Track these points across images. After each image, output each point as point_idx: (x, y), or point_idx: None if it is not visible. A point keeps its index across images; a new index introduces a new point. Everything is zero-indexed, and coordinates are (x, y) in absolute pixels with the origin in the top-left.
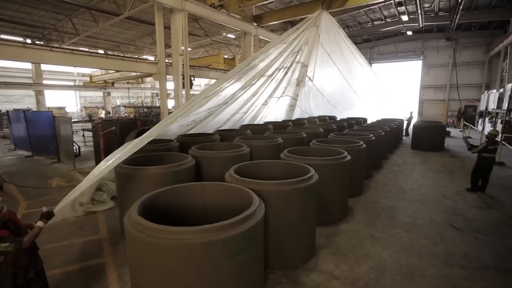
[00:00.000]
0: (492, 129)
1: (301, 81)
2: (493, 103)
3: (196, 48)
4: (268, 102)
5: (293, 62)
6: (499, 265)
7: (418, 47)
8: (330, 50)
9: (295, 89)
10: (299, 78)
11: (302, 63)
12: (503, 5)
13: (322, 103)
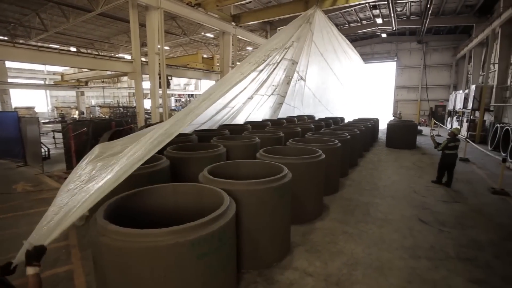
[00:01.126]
0: (453, 128)
1: (290, 79)
2: (460, 103)
3: (175, 47)
4: (252, 100)
5: (283, 59)
6: (460, 255)
7: (392, 49)
8: (323, 49)
9: (284, 87)
10: (288, 75)
11: (292, 60)
12: (467, 12)
13: (313, 103)
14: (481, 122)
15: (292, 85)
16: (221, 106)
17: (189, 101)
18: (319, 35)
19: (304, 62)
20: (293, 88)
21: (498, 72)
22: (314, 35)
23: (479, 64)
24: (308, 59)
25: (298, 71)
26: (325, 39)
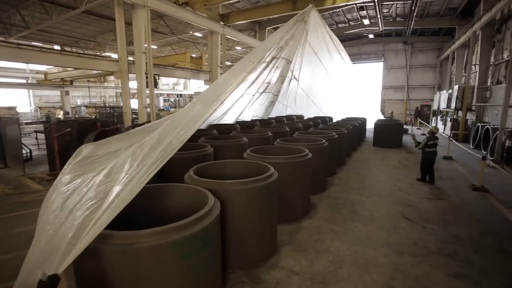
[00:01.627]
0: (432, 126)
1: (284, 77)
2: (444, 103)
3: (163, 46)
4: (243, 98)
5: (279, 58)
6: (442, 250)
7: (379, 50)
8: (317, 48)
9: (277, 86)
10: (283, 75)
11: (287, 59)
12: (450, 14)
13: (306, 104)
14: (463, 121)
15: (285, 85)
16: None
17: (177, 101)
18: (314, 35)
19: (298, 61)
20: (286, 87)
21: (479, 73)
22: (308, 35)
23: (461, 65)
24: (302, 59)
25: (293, 70)
26: (319, 38)
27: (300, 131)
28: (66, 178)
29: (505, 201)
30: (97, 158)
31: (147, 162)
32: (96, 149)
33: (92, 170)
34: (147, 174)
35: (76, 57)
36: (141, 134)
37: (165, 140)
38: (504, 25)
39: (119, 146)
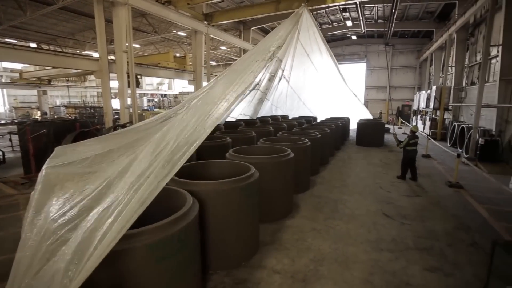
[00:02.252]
0: (412, 126)
1: (273, 76)
2: (423, 103)
3: (146, 45)
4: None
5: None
6: (418, 245)
7: (362, 51)
8: (309, 49)
9: (265, 84)
10: (272, 72)
11: (277, 57)
12: (428, 18)
13: (297, 106)
14: (441, 120)
15: (275, 84)
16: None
17: (162, 101)
18: (306, 35)
19: (289, 61)
20: (275, 86)
21: (454, 74)
22: (300, 34)
23: (439, 67)
24: (293, 59)
25: (283, 69)
26: (311, 39)
27: (284, 131)
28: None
29: (477, 196)
30: (87, 162)
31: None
32: (78, 152)
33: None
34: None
35: (52, 56)
36: (128, 136)
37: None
38: (477, 29)
39: (101, 148)
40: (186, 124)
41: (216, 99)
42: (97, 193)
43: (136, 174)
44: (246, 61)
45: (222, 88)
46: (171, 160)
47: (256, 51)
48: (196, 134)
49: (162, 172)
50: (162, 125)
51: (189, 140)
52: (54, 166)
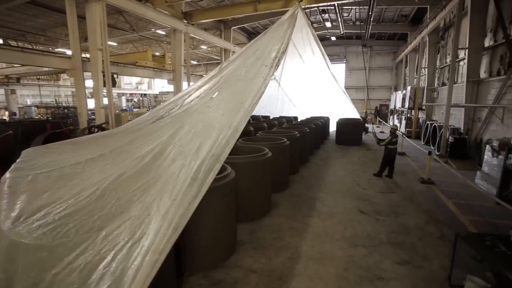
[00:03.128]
0: (393, 125)
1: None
2: (399, 103)
3: (123, 43)
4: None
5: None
6: (391, 240)
7: (341, 52)
8: (302, 50)
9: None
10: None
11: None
12: (402, 21)
13: (288, 107)
14: (416, 119)
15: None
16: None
17: (141, 101)
18: (299, 35)
19: (281, 63)
20: (268, 88)
21: (427, 75)
22: (293, 35)
23: (413, 68)
24: (285, 60)
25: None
26: (304, 39)
27: (264, 131)
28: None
29: (447, 191)
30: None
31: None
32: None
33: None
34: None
35: (19, 52)
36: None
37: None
38: (447, 32)
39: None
40: (204, 138)
41: (234, 109)
42: (107, 212)
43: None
44: (254, 66)
45: (236, 96)
46: (196, 177)
47: (260, 54)
48: (221, 148)
49: (191, 191)
50: (154, 126)
51: (215, 153)
52: (20, 170)
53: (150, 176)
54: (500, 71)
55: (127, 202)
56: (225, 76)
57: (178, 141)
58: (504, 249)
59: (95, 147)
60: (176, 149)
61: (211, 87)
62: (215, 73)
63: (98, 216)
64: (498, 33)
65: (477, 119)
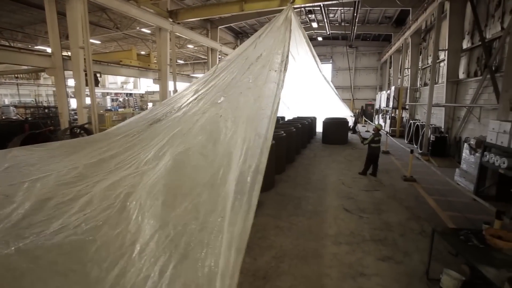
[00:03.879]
0: (377, 124)
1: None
2: (384, 102)
3: (107, 42)
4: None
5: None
6: (374, 237)
7: (328, 52)
8: (295, 52)
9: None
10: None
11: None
12: (387, 22)
13: (281, 110)
14: (399, 119)
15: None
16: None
17: (127, 101)
18: (292, 37)
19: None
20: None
21: (410, 76)
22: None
23: (397, 68)
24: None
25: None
26: (297, 40)
27: None
28: None
29: (428, 188)
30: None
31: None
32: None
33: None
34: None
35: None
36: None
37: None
38: (428, 34)
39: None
40: (230, 147)
41: (255, 117)
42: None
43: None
44: (262, 73)
45: (252, 104)
46: (246, 191)
47: (265, 61)
48: (257, 158)
49: (243, 207)
50: (154, 130)
51: (252, 164)
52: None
53: (177, 183)
54: (477, 72)
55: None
56: (227, 81)
57: (199, 150)
58: (477, 243)
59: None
60: (201, 158)
61: (209, 90)
62: (209, 76)
63: (125, 229)
64: (475, 36)
65: (457, 118)
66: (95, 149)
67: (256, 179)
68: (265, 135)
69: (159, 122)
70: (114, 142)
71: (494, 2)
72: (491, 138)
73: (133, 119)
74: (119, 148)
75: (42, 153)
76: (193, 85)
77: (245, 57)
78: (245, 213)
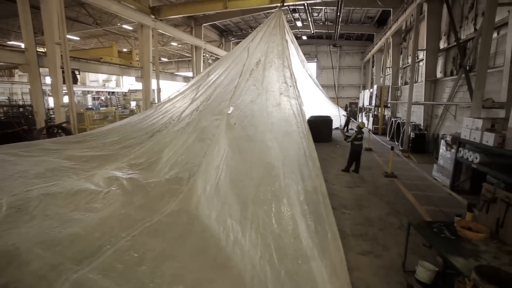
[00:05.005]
0: (360, 122)
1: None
2: (367, 101)
3: (87, 38)
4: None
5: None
6: (355, 232)
7: (312, 51)
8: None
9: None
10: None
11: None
12: (369, 22)
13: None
14: (382, 116)
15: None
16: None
17: (109, 99)
18: (280, 37)
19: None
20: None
21: (392, 74)
22: (274, 36)
23: (380, 67)
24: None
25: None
26: (289, 45)
27: None
28: None
29: (407, 184)
30: None
31: None
32: None
33: None
34: None
35: None
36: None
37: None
38: (408, 34)
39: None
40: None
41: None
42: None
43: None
44: (271, 82)
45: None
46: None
47: (268, 66)
48: (317, 180)
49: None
50: (155, 141)
51: (316, 186)
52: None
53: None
54: (453, 71)
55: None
56: (229, 88)
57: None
58: (448, 235)
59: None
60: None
61: (210, 99)
62: (203, 80)
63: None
64: (451, 37)
65: (435, 116)
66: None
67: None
68: (311, 155)
69: (159, 132)
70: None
71: (468, 5)
72: (465, 135)
73: (123, 125)
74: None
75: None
76: (187, 90)
77: (242, 63)
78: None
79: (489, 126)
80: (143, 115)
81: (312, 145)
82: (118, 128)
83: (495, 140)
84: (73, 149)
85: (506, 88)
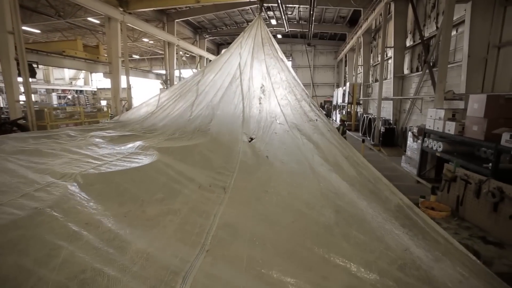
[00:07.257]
0: (342, 115)
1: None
2: (340, 98)
3: (50, 32)
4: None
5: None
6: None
7: (287, 50)
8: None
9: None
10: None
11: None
12: (341, 22)
13: None
14: (354, 113)
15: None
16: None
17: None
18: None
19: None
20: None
21: (363, 72)
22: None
23: (352, 66)
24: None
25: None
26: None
27: None
28: None
29: None
30: None
31: None
32: None
33: None
34: None
35: None
36: None
37: None
38: (378, 33)
39: None
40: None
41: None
42: None
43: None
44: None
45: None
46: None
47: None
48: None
49: None
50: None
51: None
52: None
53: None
54: (418, 67)
55: None
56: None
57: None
58: None
59: None
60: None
61: (210, 123)
62: (195, 88)
63: None
64: (416, 35)
65: (403, 110)
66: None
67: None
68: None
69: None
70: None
71: (430, 4)
72: (429, 125)
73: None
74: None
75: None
76: (173, 102)
77: (231, 74)
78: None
79: (450, 115)
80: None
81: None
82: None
83: (456, 129)
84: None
85: (465, 81)
